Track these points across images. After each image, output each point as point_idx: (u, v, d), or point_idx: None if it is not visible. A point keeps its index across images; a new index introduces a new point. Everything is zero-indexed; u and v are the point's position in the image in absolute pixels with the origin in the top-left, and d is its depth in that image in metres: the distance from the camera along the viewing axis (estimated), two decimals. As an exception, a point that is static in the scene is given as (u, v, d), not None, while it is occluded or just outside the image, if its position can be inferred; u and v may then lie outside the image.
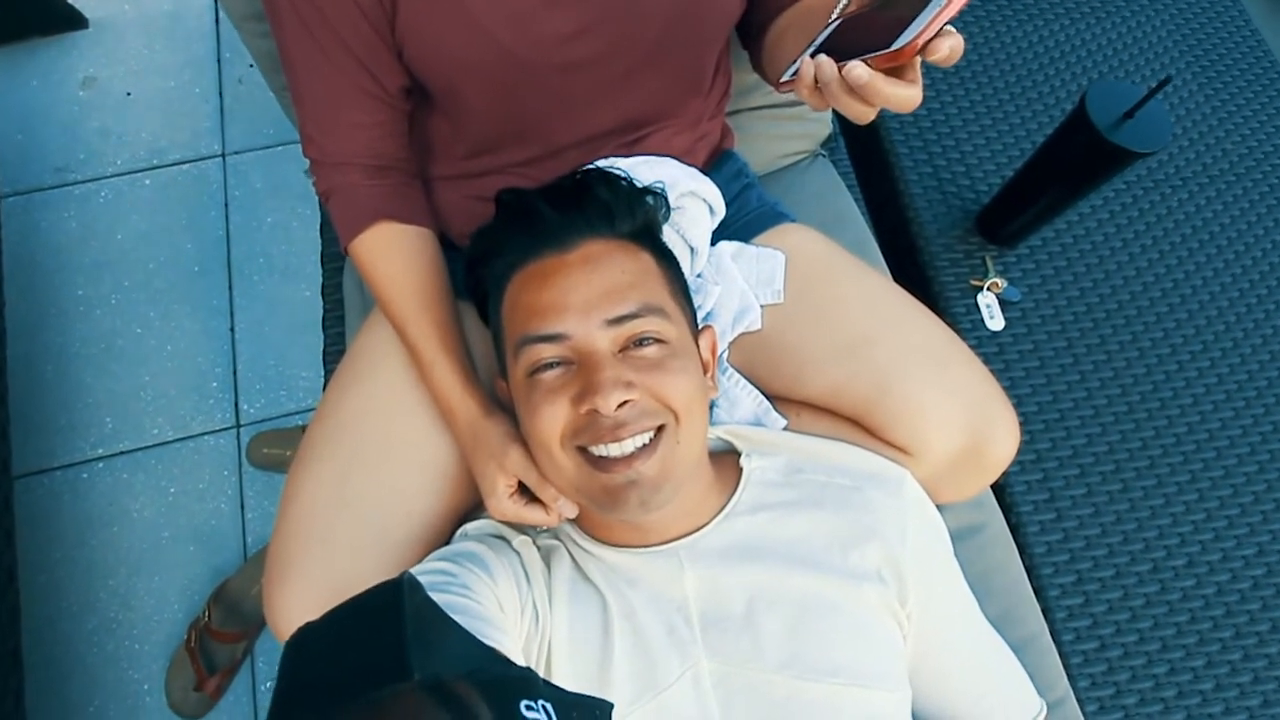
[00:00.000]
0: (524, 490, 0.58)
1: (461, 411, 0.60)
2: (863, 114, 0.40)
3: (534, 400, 0.51)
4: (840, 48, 0.43)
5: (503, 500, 0.57)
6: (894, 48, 0.37)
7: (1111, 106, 0.79)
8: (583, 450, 0.50)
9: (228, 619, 1.03)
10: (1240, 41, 1.16)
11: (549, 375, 0.51)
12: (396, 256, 0.63)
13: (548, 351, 0.51)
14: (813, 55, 0.43)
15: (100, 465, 1.15)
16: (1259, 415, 0.94)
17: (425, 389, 0.64)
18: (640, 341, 0.51)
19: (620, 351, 0.51)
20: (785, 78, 0.46)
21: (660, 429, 0.50)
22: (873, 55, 0.38)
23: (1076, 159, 0.84)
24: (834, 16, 0.46)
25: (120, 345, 1.23)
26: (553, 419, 0.50)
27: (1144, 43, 1.14)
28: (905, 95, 0.38)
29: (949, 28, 0.36)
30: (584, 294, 0.51)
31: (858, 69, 0.38)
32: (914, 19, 0.37)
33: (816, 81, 0.40)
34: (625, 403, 0.49)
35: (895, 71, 0.38)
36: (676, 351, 0.52)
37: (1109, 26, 1.14)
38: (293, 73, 0.60)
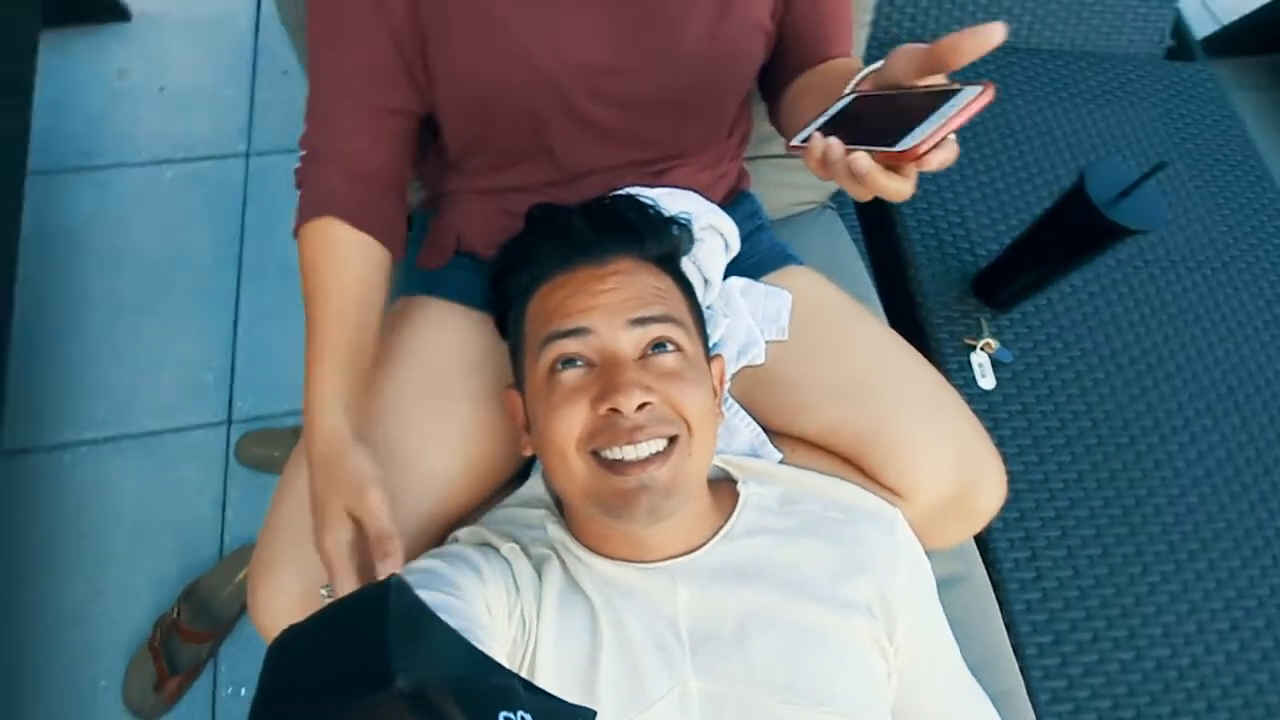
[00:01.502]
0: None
1: (326, 420, 0.56)
2: (860, 195, 0.43)
3: (553, 401, 0.52)
4: (850, 126, 0.46)
5: (337, 545, 0.51)
6: (897, 149, 0.39)
7: (1109, 185, 0.83)
8: (596, 455, 0.51)
9: (197, 617, 1.00)
10: (1227, 132, 1.23)
11: (569, 375, 0.52)
12: (333, 255, 0.60)
13: (572, 346, 0.52)
14: (824, 127, 0.46)
15: (84, 450, 1.14)
16: (1236, 493, 0.96)
17: (429, 404, 0.65)
18: (660, 346, 0.53)
19: (641, 359, 0.53)
20: (796, 142, 0.48)
21: (674, 439, 0.51)
22: (877, 150, 0.41)
23: (1073, 232, 0.88)
24: (847, 90, 0.49)
25: (121, 332, 1.22)
26: (571, 421, 0.51)
27: (1139, 130, 1.20)
28: (898, 189, 0.41)
29: (951, 137, 0.39)
30: (612, 297, 0.53)
31: (861, 160, 0.40)
32: (920, 123, 0.39)
33: (824, 157, 0.43)
34: (644, 405, 0.50)
35: (893, 166, 0.41)
36: (693, 364, 0.54)
37: (1107, 114, 1.21)
38: (311, 68, 0.62)
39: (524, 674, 0.51)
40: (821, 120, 0.48)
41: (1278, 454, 0.99)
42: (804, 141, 0.46)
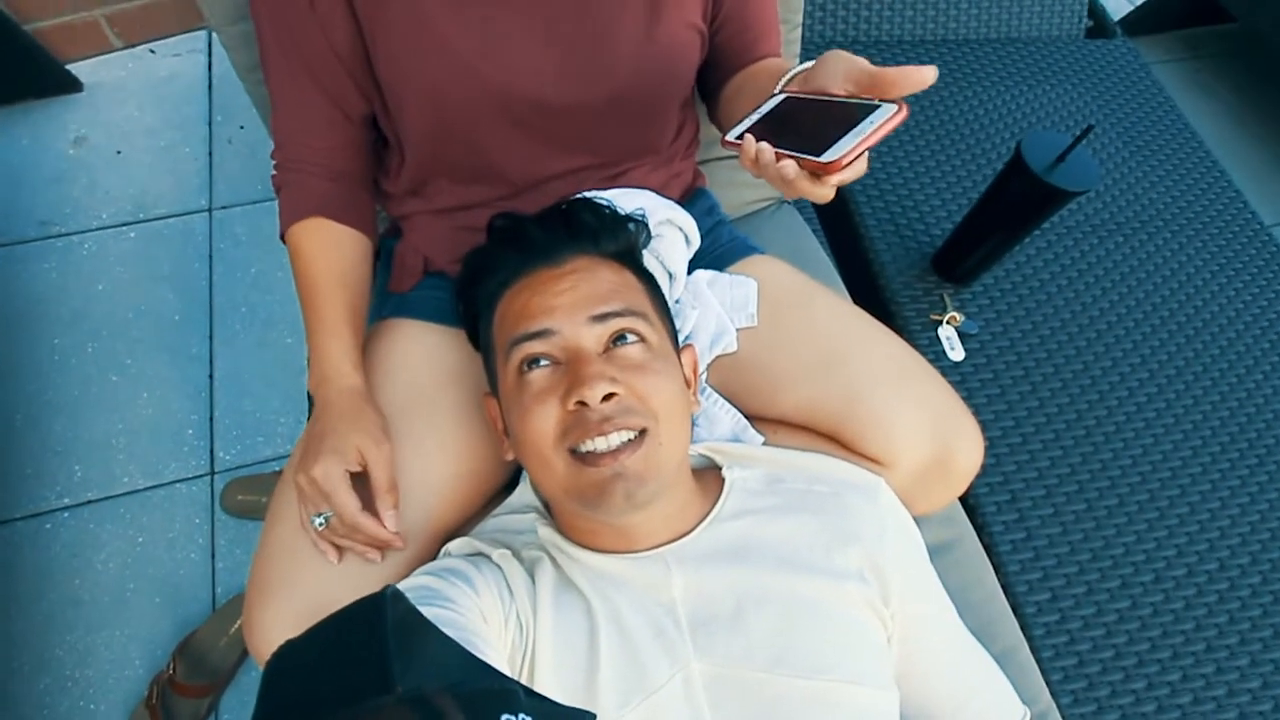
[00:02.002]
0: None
1: (348, 380, 0.63)
2: (788, 194, 0.48)
3: (525, 402, 0.53)
4: (780, 127, 0.50)
5: (336, 470, 0.57)
6: (821, 160, 0.45)
7: (1044, 153, 0.87)
8: (572, 452, 0.52)
9: (194, 672, 0.98)
10: (1152, 100, 1.29)
11: (537, 374, 0.53)
12: (327, 246, 0.67)
13: (537, 347, 0.53)
14: (756, 125, 0.51)
15: (65, 515, 1.12)
16: (1206, 435, 0.99)
17: (413, 421, 0.65)
18: (624, 337, 0.54)
19: (605, 351, 0.54)
20: (730, 138, 0.52)
21: (644, 431, 0.52)
22: (802, 157, 0.46)
23: (1017, 201, 0.92)
24: (778, 89, 0.54)
25: (94, 393, 1.21)
26: (544, 419, 0.52)
27: (1069, 106, 1.26)
28: (821, 194, 0.46)
29: (866, 153, 0.44)
30: (571, 296, 0.54)
31: (788, 166, 0.46)
32: (843, 136, 0.44)
33: (756, 158, 0.48)
34: (610, 396, 0.51)
35: (816, 173, 0.45)
36: (658, 354, 0.55)
37: (1038, 93, 1.27)
38: (270, 88, 0.67)
39: (525, 675, 0.51)
40: (755, 118, 0.52)
41: (1240, 394, 1.03)
42: (738, 138, 0.50)
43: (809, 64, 0.54)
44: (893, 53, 1.28)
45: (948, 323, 1.03)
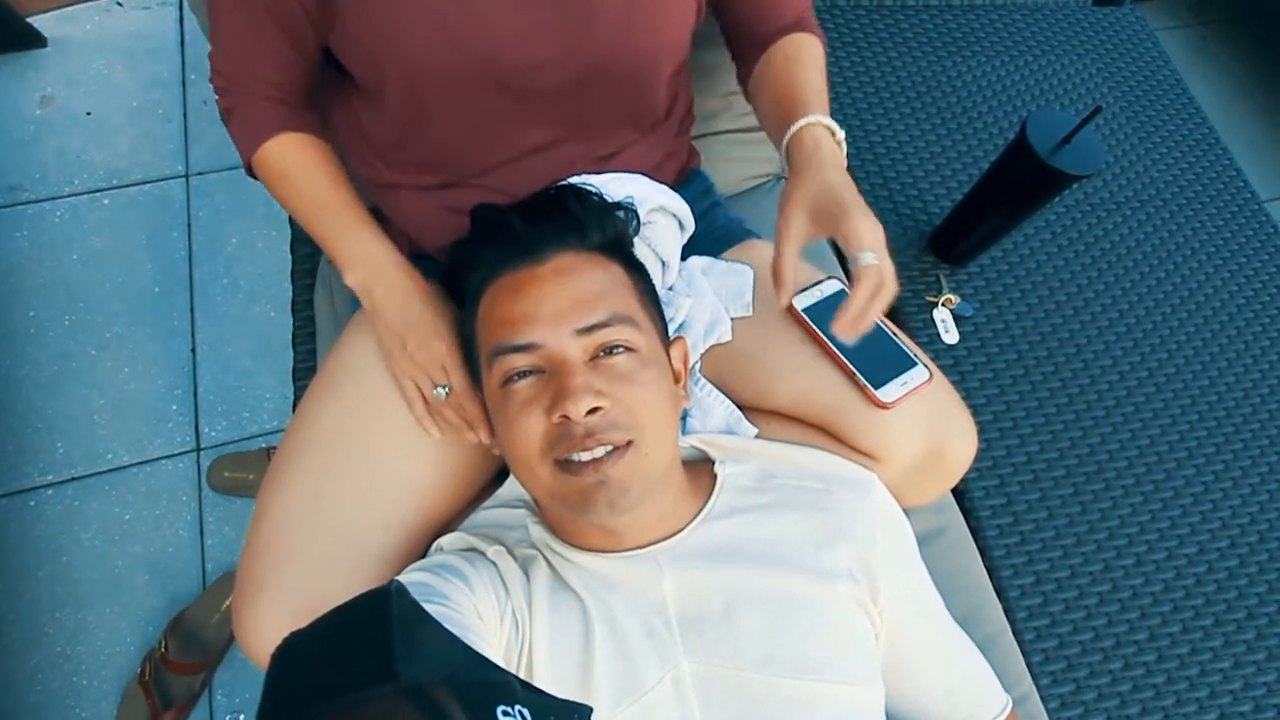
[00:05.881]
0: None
1: (405, 265, 0.65)
2: None
3: (510, 413, 0.52)
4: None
5: (457, 348, 0.62)
6: (877, 394, 0.62)
7: (1050, 134, 0.85)
8: (556, 462, 0.51)
9: (185, 649, 0.99)
10: (1157, 73, 1.26)
11: (522, 387, 0.52)
12: (307, 155, 0.66)
13: (520, 361, 0.52)
14: (814, 308, 0.67)
15: (49, 492, 1.11)
16: (1194, 420, 1.00)
17: (403, 412, 0.64)
18: (610, 349, 0.53)
19: (591, 360, 0.52)
20: (796, 307, 0.68)
21: (629, 443, 0.51)
22: (860, 380, 0.62)
23: (1019, 182, 0.90)
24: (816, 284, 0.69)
25: (74, 367, 1.19)
26: (530, 432, 0.51)
27: (1075, 77, 1.23)
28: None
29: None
30: (554, 304, 0.52)
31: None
32: (892, 378, 0.61)
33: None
34: (595, 409, 0.50)
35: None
36: (646, 361, 0.54)
37: (1043, 64, 1.23)
38: (215, 14, 0.63)
39: (521, 673, 0.51)
40: (815, 299, 0.68)
41: (1229, 380, 1.03)
42: (805, 310, 0.67)
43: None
44: (895, 18, 1.23)
45: (943, 304, 1.02)
